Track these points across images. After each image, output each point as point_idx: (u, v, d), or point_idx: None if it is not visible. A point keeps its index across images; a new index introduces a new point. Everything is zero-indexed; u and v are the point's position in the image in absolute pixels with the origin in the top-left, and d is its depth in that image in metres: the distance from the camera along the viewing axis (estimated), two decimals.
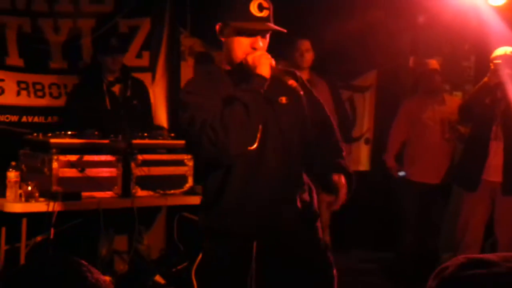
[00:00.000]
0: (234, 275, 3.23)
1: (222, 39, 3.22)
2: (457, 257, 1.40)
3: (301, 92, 3.19)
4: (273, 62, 3.15)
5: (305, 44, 6.36)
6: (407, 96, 7.14)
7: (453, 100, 6.90)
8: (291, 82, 3.17)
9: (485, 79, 5.87)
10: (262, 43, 3.15)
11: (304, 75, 4.73)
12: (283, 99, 3.26)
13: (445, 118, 6.58)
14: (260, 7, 3.13)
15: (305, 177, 3.33)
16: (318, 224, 3.38)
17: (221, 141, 2.98)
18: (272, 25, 3.16)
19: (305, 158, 3.31)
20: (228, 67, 3.24)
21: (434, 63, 6.77)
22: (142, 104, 6.03)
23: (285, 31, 3.18)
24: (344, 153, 3.41)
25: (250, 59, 3.10)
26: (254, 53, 3.11)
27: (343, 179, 3.20)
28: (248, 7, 3.11)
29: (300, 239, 3.29)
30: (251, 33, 3.13)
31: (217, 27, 3.23)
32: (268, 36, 3.20)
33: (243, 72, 3.13)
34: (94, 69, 6.01)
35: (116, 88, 5.90)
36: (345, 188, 3.20)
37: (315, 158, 3.33)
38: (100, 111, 5.75)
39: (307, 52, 6.36)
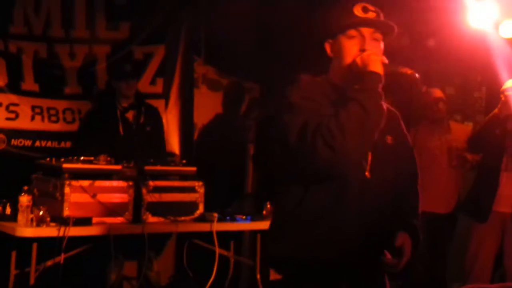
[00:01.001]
0: None
1: (332, 55, 3.02)
2: (465, 287, 1.43)
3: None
4: (385, 60, 2.90)
5: None
6: (411, 126, 7.12)
7: (459, 127, 6.91)
8: (406, 70, 2.97)
9: (496, 110, 5.89)
10: (373, 46, 2.93)
11: None
12: (389, 139, 3.03)
13: (452, 146, 6.59)
14: (365, 9, 2.97)
15: None
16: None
17: (339, 142, 2.68)
18: (378, 20, 2.96)
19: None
20: (337, 80, 3.00)
21: (438, 91, 6.79)
22: (155, 130, 6.08)
23: (395, 26, 2.99)
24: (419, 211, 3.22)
25: (358, 60, 2.87)
26: (362, 54, 2.88)
27: (409, 245, 3.02)
28: (352, 11, 2.97)
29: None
30: (353, 27, 2.92)
31: (326, 46, 3.04)
32: (381, 41, 2.99)
33: (353, 76, 2.89)
34: (108, 95, 6.06)
35: (129, 114, 5.95)
36: (409, 254, 3.00)
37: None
38: (113, 136, 5.80)
39: None
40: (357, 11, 2.95)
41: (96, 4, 6.45)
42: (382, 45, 2.99)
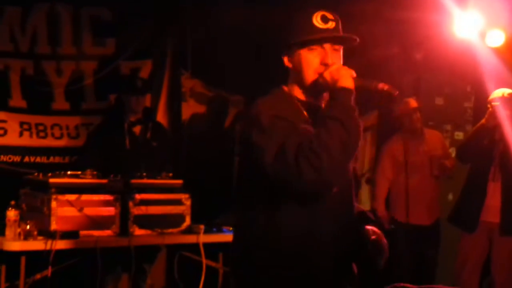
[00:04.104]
0: None
1: (290, 66, 2.90)
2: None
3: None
4: (354, 73, 2.79)
5: None
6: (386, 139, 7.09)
7: (433, 134, 6.89)
8: (383, 85, 2.81)
9: (483, 120, 5.91)
10: (335, 58, 2.83)
11: None
12: None
13: (433, 155, 6.59)
14: (325, 19, 2.85)
15: None
16: None
17: (325, 163, 2.57)
18: (338, 33, 2.87)
19: None
20: (299, 95, 2.90)
21: (413, 101, 6.76)
22: (161, 146, 6.12)
23: (356, 38, 2.86)
24: None
25: (327, 75, 2.75)
26: (329, 68, 2.77)
27: (381, 234, 2.98)
28: (310, 21, 2.83)
29: None
30: (317, 43, 2.81)
31: (283, 57, 2.91)
32: (341, 52, 2.88)
33: (319, 92, 2.84)
34: (117, 109, 6.15)
35: (136, 129, 6.01)
36: (386, 242, 2.98)
37: None
38: (119, 150, 5.87)
39: None
40: (317, 21, 2.83)
41: (82, 20, 6.51)
42: (341, 53, 2.89)
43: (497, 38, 6.58)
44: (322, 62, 2.82)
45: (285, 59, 2.91)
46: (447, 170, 6.57)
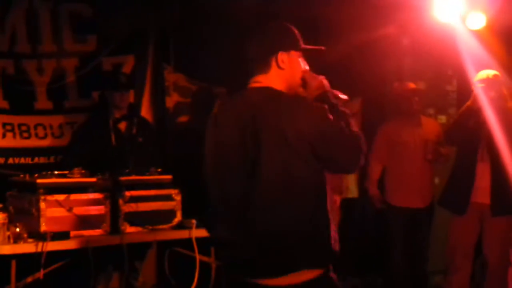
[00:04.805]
0: None
1: (284, 66, 3.29)
2: None
3: None
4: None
5: None
6: (384, 120, 7.14)
7: (430, 122, 6.94)
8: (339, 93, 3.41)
9: (468, 102, 5.92)
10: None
11: None
12: None
13: (428, 139, 6.61)
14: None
15: None
16: None
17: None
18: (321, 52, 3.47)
19: None
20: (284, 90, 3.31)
21: (412, 85, 6.81)
22: (147, 141, 6.07)
23: (323, 48, 3.45)
24: None
25: (316, 82, 3.35)
26: (314, 75, 3.38)
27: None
28: (298, 35, 3.39)
29: None
30: (309, 52, 3.40)
31: (279, 56, 3.28)
32: None
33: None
34: (101, 107, 6.09)
35: (122, 125, 5.99)
36: None
37: None
38: (105, 147, 5.84)
39: None
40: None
41: (62, 17, 6.42)
42: None
43: (477, 21, 6.60)
44: (303, 67, 3.39)
45: (279, 57, 3.29)
46: (441, 156, 6.58)
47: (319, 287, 3.16)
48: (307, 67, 3.38)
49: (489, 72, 5.87)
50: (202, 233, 5.38)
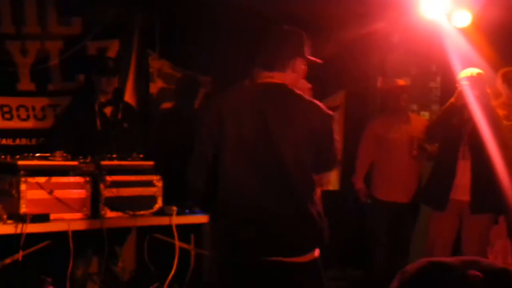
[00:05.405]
0: None
1: (297, 70, 3.71)
2: (421, 260, 1.43)
3: None
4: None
5: None
6: (373, 115, 7.19)
7: (418, 119, 6.98)
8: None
9: (452, 100, 5.94)
10: None
11: None
12: None
13: (412, 136, 6.64)
14: None
15: None
16: None
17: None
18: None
19: None
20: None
21: (401, 81, 6.86)
22: (132, 127, 6.06)
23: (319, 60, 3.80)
24: None
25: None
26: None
27: None
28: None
29: None
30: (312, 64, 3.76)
31: (295, 61, 3.69)
32: None
33: None
34: (86, 90, 6.04)
35: (107, 110, 5.94)
36: None
37: None
38: (90, 131, 5.80)
39: None
40: None
41: None
42: None
43: (463, 19, 6.62)
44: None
45: (298, 60, 3.70)
46: (426, 152, 6.61)
47: (318, 265, 3.62)
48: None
49: (473, 70, 5.89)
50: (183, 220, 5.39)
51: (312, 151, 3.58)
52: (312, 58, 3.74)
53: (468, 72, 5.89)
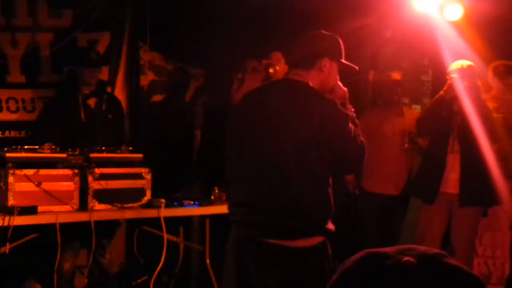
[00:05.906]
0: None
1: (324, 70, 3.75)
2: (360, 252, 1.46)
3: None
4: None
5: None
6: (364, 108, 7.20)
7: (411, 113, 6.98)
8: None
9: (441, 92, 5.94)
10: None
11: None
12: None
13: (405, 129, 6.65)
14: None
15: None
16: None
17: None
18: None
19: None
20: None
21: (396, 75, 6.86)
22: (117, 118, 6.06)
23: (356, 67, 3.98)
24: None
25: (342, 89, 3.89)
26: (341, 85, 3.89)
27: None
28: (343, 50, 3.87)
29: None
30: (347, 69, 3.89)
31: (324, 59, 3.75)
32: None
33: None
34: (70, 82, 6.03)
35: (91, 102, 5.94)
36: None
37: None
38: (74, 123, 5.79)
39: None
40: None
41: None
42: None
43: (455, 12, 6.61)
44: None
45: (325, 61, 3.76)
46: (418, 148, 6.61)
47: (322, 250, 3.72)
48: (338, 78, 3.87)
49: (463, 62, 5.88)
50: (171, 212, 5.39)
51: (322, 149, 3.64)
52: (347, 63, 3.87)
53: (458, 64, 5.88)
